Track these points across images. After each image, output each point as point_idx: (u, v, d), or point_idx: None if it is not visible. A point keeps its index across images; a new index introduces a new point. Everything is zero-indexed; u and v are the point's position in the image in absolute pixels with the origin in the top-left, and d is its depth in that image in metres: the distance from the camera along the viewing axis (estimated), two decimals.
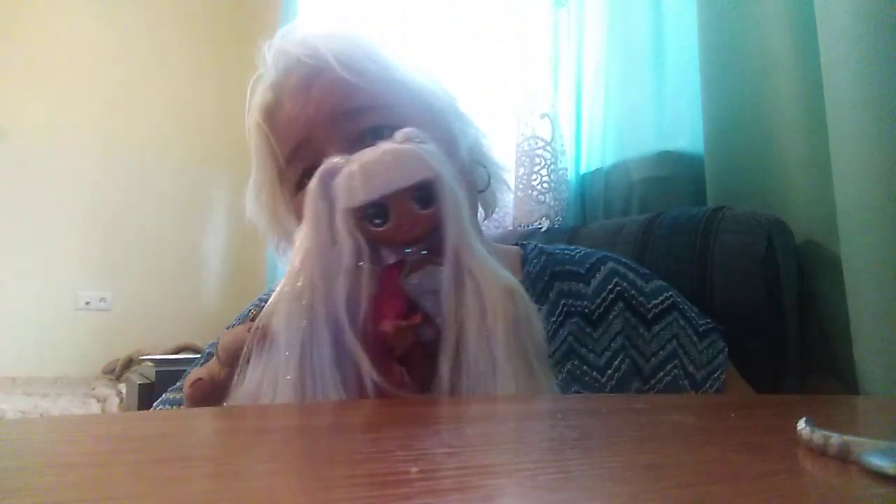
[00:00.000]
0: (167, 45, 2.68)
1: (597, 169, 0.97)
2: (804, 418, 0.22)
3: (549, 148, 0.98)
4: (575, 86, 1.02)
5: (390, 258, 0.36)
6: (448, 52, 1.22)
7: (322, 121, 0.55)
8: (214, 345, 0.67)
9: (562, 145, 0.99)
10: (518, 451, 0.23)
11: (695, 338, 0.55)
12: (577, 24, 1.02)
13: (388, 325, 0.34)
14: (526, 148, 0.99)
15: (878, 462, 0.18)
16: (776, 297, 0.62)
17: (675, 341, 0.55)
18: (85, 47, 2.55)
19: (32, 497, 0.16)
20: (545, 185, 0.97)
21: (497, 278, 0.35)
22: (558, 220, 0.97)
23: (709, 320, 0.57)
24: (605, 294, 0.57)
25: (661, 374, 0.54)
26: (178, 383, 0.68)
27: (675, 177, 0.84)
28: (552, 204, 0.96)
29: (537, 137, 0.98)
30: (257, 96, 0.59)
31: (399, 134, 0.37)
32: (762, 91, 0.70)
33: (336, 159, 0.37)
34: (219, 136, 2.69)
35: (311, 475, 0.20)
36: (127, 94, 2.60)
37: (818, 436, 0.21)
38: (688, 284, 0.64)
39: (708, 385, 0.54)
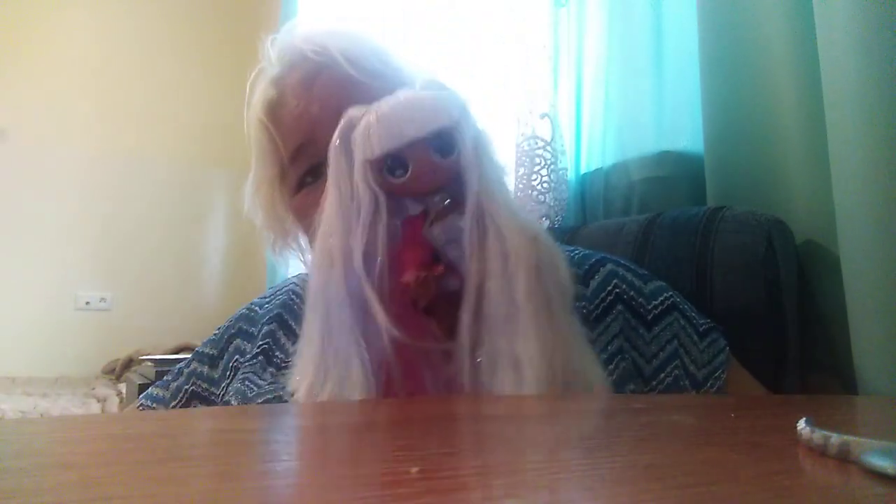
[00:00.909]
0: (167, 46, 2.68)
1: (597, 169, 0.97)
2: (804, 418, 0.22)
3: (549, 148, 0.98)
4: (575, 86, 1.02)
5: (415, 209, 0.35)
6: (448, 52, 1.22)
7: (327, 118, 0.54)
8: (207, 342, 0.67)
9: (562, 145, 0.99)
10: (518, 451, 0.23)
11: (695, 337, 0.55)
12: (577, 24, 1.02)
13: (410, 276, 0.34)
14: (526, 148, 0.99)
15: (878, 462, 0.18)
16: (776, 297, 0.62)
17: (675, 341, 0.55)
18: (84, 47, 2.55)
19: (32, 497, 0.16)
20: (545, 185, 0.97)
21: (519, 224, 0.35)
22: (558, 220, 0.97)
23: (708, 320, 0.57)
24: (603, 295, 0.57)
25: (663, 374, 0.54)
26: (165, 377, 0.68)
27: (675, 177, 0.84)
28: (552, 204, 0.96)
29: (537, 137, 0.98)
30: (259, 92, 0.59)
31: (420, 81, 0.36)
32: (762, 91, 0.70)
33: (355, 111, 0.36)
34: (219, 136, 2.69)
35: (311, 475, 0.20)
36: (127, 93, 2.60)
37: (818, 436, 0.21)
38: (688, 284, 0.64)
39: (709, 384, 0.53)
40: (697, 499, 0.16)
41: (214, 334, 0.69)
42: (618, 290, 0.57)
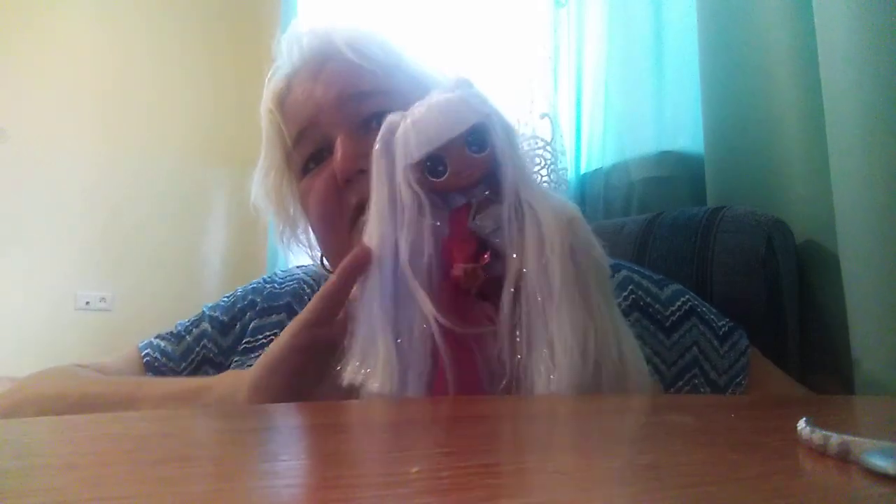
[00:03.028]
0: (167, 45, 2.68)
1: (597, 169, 0.97)
2: (804, 418, 0.22)
3: (549, 148, 0.98)
4: (575, 86, 1.02)
5: (459, 202, 0.37)
6: (448, 52, 1.22)
7: (329, 104, 0.56)
8: (217, 307, 0.67)
9: (562, 145, 0.99)
10: (518, 451, 0.23)
11: (715, 342, 0.54)
12: (577, 24, 1.03)
13: (458, 269, 0.36)
14: (526, 148, 0.99)
15: (878, 462, 0.18)
16: (776, 297, 0.62)
17: (695, 348, 0.54)
18: (84, 47, 2.55)
19: (32, 497, 0.16)
20: (545, 185, 0.97)
21: (555, 209, 0.36)
22: None
23: (727, 320, 0.56)
24: (619, 301, 0.55)
25: (681, 382, 0.53)
26: (170, 330, 0.67)
27: (675, 177, 0.84)
28: None
29: (537, 137, 0.98)
30: (271, 85, 0.60)
31: (451, 82, 0.38)
32: (762, 91, 0.70)
33: (393, 116, 0.38)
34: (218, 135, 2.69)
35: (311, 475, 0.20)
36: (126, 93, 2.59)
37: (818, 436, 0.21)
38: (688, 284, 0.64)
39: (730, 391, 0.53)
40: (697, 499, 0.16)
41: (224, 300, 0.68)
42: (634, 297, 0.56)
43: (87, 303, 2.49)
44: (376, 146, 0.38)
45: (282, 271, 0.73)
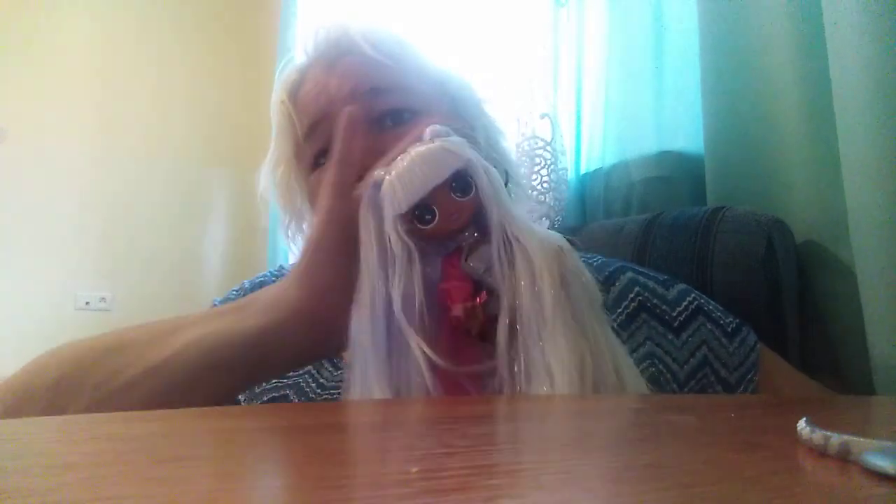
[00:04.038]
0: (166, 45, 2.68)
1: (597, 169, 0.97)
2: (804, 418, 0.22)
3: (549, 148, 0.98)
4: (575, 86, 1.02)
5: (450, 247, 0.39)
6: (448, 52, 1.22)
7: (343, 98, 0.54)
8: (219, 301, 0.66)
9: (562, 145, 0.99)
10: (518, 451, 0.23)
11: (724, 340, 0.54)
12: (577, 24, 1.02)
13: (457, 310, 0.37)
14: (526, 148, 0.99)
15: (878, 462, 0.18)
16: (776, 298, 0.62)
17: (704, 347, 0.54)
18: (84, 48, 2.55)
19: (32, 497, 0.16)
20: (545, 185, 0.97)
21: (542, 240, 0.38)
22: (558, 220, 0.97)
23: (734, 317, 0.56)
24: (626, 304, 0.55)
25: (693, 382, 0.53)
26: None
27: (675, 177, 0.84)
28: (552, 204, 0.96)
29: (537, 137, 0.98)
30: (284, 76, 0.60)
31: (426, 133, 0.39)
32: (762, 91, 0.70)
33: (377, 172, 0.39)
34: (219, 135, 2.69)
35: (311, 475, 0.20)
36: (126, 93, 2.59)
37: (818, 436, 0.21)
38: (688, 284, 0.64)
39: (741, 388, 0.53)
40: (697, 499, 0.16)
41: (233, 294, 0.67)
42: (640, 298, 0.56)
43: (87, 303, 2.49)
44: (363, 202, 0.39)
45: (291, 265, 0.72)
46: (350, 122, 0.42)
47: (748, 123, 0.71)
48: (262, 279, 0.69)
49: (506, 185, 0.62)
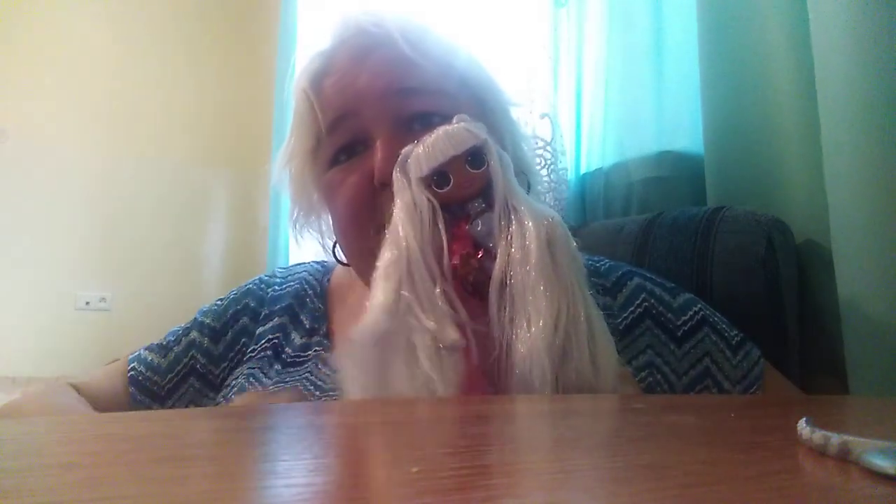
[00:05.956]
0: (167, 45, 2.68)
1: (597, 169, 0.97)
2: (804, 418, 0.22)
3: (549, 148, 0.98)
4: (575, 86, 1.02)
5: (459, 213, 0.44)
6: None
7: (373, 95, 0.53)
8: (208, 312, 0.65)
9: (562, 145, 0.99)
10: (518, 451, 0.23)
11: (728, 352, 0.53)
12: (577, 24, 1.02)
13: (455, 258, 0.42)
14: (526, 149, 0.99)
15: (878, 462, 0.18)
16: (776, 297, 0.62)
17: (707, 359, 0.53)
18: (85, 47, 2.55)
19: (32, 497, 0.16)
20: (545, 185, 0.97)
21: (536, 211, 0.42)
22: None
23: (738, 331, 0.55)
24: (632, 309, 0.55)
25: (692, 393, 0.52)
26: (159, 341, 0.65)
27: (675, 177, 0.84)
28: (552, 204, 0.96)
29: (537, 137, 0.98)
30: (306, 63, 0.57)
31: (454, 119, 0.45)
32: (762, 91, 0.70)
33: (407, 148, 0.45)
34: (219, 136, 2.69)
35: (311, 475, 0.20)
36: (127, 94, 2.59)
37: (818, 436, 0.21)
38: (688, 284, 0.64)
39: None
40: (697, 499, 0.16)
41: (217, 305, 0.66)
42: (646, 305, 0.55)
43: (87, 303, 2.49)
44: (395, 168, 0.45)
45: (282, 269, 0.71)
46: None
47: (748, 124, 0.71)
48: (248, 288, 0.67)
49: (528, 192, 0.62)
